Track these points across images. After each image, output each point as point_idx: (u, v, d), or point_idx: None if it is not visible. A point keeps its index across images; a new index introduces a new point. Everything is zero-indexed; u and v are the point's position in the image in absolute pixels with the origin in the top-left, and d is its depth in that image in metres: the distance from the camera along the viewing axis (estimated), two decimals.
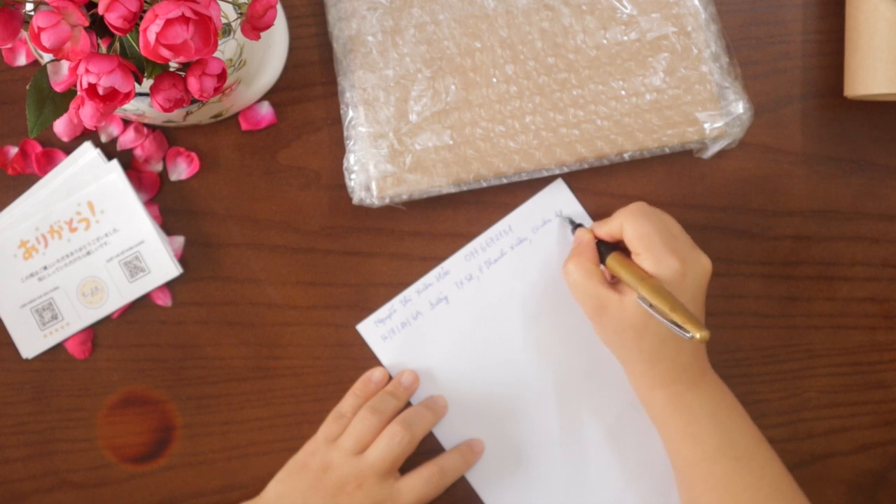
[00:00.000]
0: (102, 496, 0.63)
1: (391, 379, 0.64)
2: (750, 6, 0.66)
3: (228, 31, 0.53)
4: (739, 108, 0.63)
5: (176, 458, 0.63)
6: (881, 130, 0.67)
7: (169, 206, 0.64)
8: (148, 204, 0.63)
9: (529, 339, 0.64)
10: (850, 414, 0.66)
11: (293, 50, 0.64)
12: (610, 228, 0.59)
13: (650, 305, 0.53)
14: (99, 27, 0.43)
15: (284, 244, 0.64)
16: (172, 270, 0.63)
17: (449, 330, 0.64)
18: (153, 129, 0.63)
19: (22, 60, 0.63)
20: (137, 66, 0.44)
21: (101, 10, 0.40)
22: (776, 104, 0.66)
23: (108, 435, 0.63)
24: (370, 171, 0.61)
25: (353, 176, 0.61)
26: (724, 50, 0.64)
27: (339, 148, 0.64)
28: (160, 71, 0.45)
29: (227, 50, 0.54)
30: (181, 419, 0.63)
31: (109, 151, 0.63)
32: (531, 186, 0.65)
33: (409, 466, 0.61)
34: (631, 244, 0.57)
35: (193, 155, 0.63)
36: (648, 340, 0.56)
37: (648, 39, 0.63)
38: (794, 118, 0.66)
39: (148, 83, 0.46)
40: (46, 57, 0.50)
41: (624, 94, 0.63)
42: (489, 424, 0.64)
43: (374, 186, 0.61)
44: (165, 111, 0.46)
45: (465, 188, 0.62)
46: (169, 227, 0.64)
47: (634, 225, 0.57)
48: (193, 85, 0.45)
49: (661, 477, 0.63)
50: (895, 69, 0.61)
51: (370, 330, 0.64)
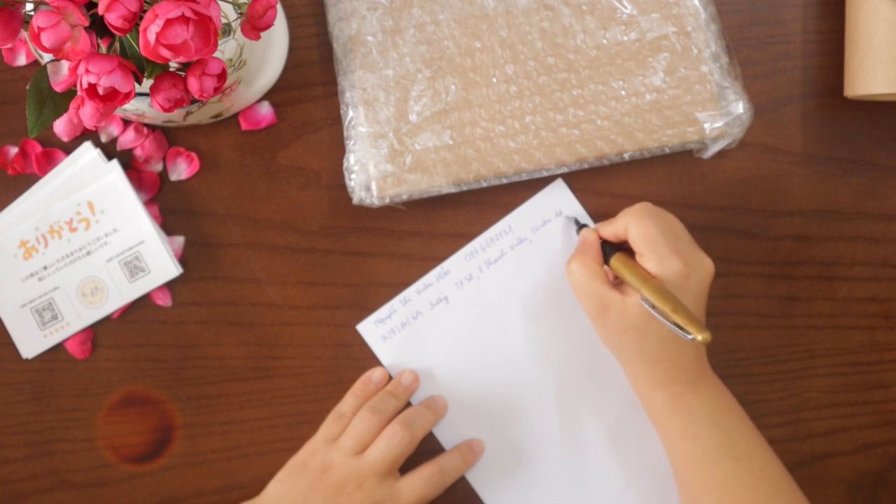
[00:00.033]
0: (102, 496, 0.63)
1: (391, 379, 0.64)
2: (750, 6, 0.66)
3: (228, 31, 0.53)
4: (739, 108, 0.63)
5: (176, 458, 0.63)
6: (881, 130, 0.67)
7: (169, 206, 0.64)
8: (148, 204, 0.63)
9: (529, 339, 0.64)
10: (850, 414, 0.66)
11: (293, 50, 0.64)
12: (614, 228, 0.59)
13: (652, 307, 0.53)
14: (99, 27, 0.43)
15: (284, 244, 0.64)
16: (172, 270, 0.63)
17: (449, 330, 0.64)
18: (153, 129, 0.63)
19: (22, 60, 0.63)
20: (137, 66, 0.44)
21: (101, 10, 0.40)
22: (776, 104, 0.66)
23: (108, 435, 0.63)
24: (370, 171, 0.61)
25: (353, 176, 0.61)
26: (724, 50, 0.64)
27: (339, 148, 0.64)
28: (160, 71, 0.45)
29: (227, 50, 0.54)
30: (181, 419, 0.63)
31: (109, 151, 0.63)
32: (531, 186, 0.65)
33: (409, 466, 0.61)
34: (635, 245, 0.57)
35: (193, 155, 0.63)
36: (649, 341, 0.56)
37: (648, 39, 0.63)
38: (794, 118, 0.66)
39: (148, 83, 0.46)
40: (46, 57, 0.50)
41: (624, 94, 0.63)
42: (489, 424, 0.64)
43: (374, 186, 0.61)
44: (165, 111, 0.46)
45: (465, 188, 0.62)
46: (169, 227, 0.64)
47: (639, 225, 0.57)
48: (193, 85, 0.45)
49: (661, 477, 0.63)
50: (895, 69, 0.61)
51: (370, 330, 0.64)
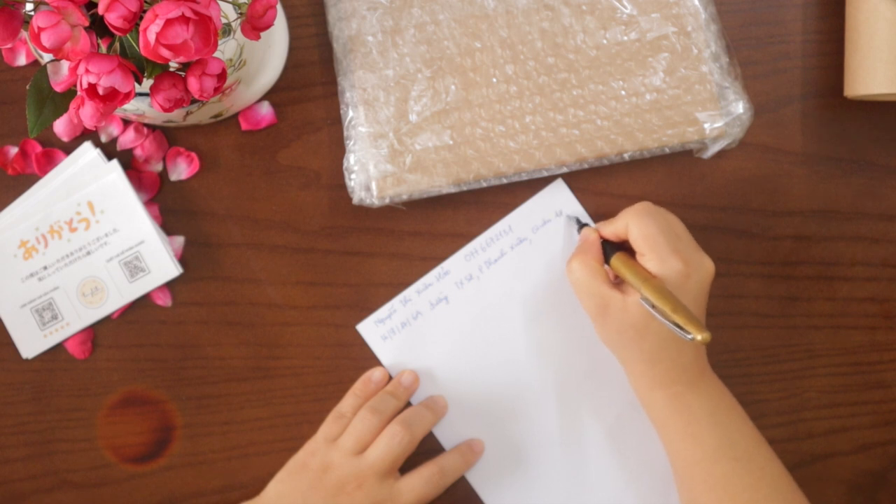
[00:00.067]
0: (102, 496, 0.63)
1: (391, 379, 0.64)
2: (750, 6, 0.66)
3: (228, 31, 0.53)
4: (739, 108, 0.63)
5: (176, 458, 0.63)
6: (881, 130, 0.67)
7: (169, 206, 0.64)
8: (148, 204, 0.63)
9: (529, 339, 0.64)
10: (850, 414, 0.66)
11: (293, 50, 0.64)
12: (615, 228, 0.59)
13: (652, 306, 0.53)
14: (99, 27, 0.43)
15: (284, 244, 0.64)
16: (172, 270, 0.63)
17: (449, 330, 0.64)
18: (153, 129, 0.63)
19: (22, 60, 0.63)
20: (137, 66, 0.44)
21: (101, 10, 0.40)
22: (776, 104, 0.66)
23: (108, 435, 0.63)
24: (370, 171, 0.61)
25: (353, 176, 0.61)
26: (724, 50, 0.64)
27: (339, 148, 0.64)
28: (160, 71, 0.45)
29: (227, 50, 0.54)
30: (181, 419, 0.63)
31: (109, 151, 0.63)
32: (531, 186, 0.65)
33: (409, 466, 0.61)
34: (636, 244, 0.57)
35: (193, 155, 0.63)
36: (649, 341, 0.56)
37: (648, 39, 0.63)
38: (794, 118, 0.66)
39: (148, 83, 0.46)
40: (46, 57, 0.50)
41: (624, 94, 0.63)
42: (489, 424, 0.64)
43: (374, 186, 0.61)
44: (165, 111, 0.46)
45: (465, 188, 0.62)
46: (169, 227, 0.64)
47: (640, 225, 0.57)
48: (193, 85, 0.45)
49: (661, 477, 0.63)
50: (895, 69, 0.61)
51: (370, 330, 0.64)
